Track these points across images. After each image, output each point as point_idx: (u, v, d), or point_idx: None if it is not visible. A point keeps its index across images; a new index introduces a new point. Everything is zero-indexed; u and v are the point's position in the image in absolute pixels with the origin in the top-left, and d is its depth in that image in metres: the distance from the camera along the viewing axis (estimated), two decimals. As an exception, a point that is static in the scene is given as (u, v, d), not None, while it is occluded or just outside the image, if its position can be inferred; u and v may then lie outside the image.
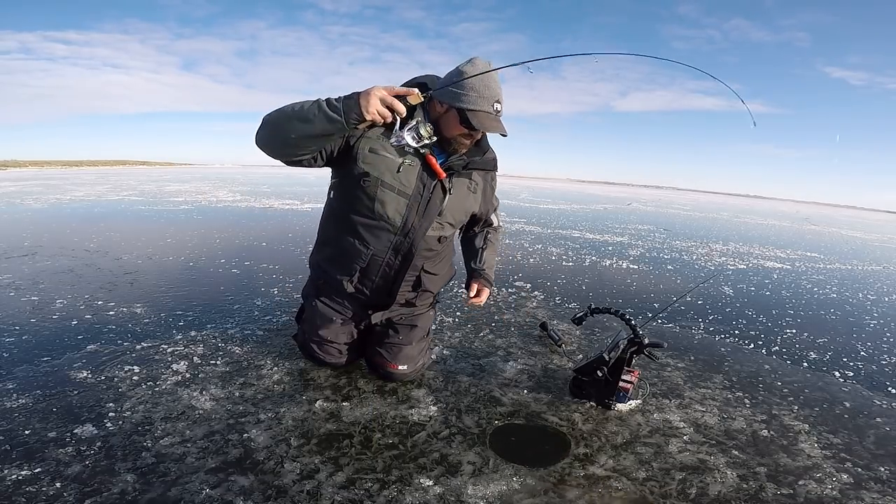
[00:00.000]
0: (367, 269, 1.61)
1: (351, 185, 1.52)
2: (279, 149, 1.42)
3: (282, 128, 1.35)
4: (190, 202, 8.29)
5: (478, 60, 1.44)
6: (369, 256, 1.59)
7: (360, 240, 1.57)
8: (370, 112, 1.26)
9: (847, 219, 25.22)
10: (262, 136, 1.41)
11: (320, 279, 1.75)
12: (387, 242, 1.57)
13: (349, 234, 1.58)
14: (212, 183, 14.56)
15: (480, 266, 1.80)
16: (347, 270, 1.63)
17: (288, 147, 1.39)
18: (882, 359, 2.54)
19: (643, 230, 8.20)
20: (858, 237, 11.75)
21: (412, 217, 1.54)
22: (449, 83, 1.44)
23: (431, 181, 1.53)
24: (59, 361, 1.83)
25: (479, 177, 1.71)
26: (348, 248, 1.59)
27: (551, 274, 3.96)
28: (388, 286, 1.67)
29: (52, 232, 4.70)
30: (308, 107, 1.32)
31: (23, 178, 14.81)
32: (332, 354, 1.77)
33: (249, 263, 3.60)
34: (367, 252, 1.58)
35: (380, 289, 1.67)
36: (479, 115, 1.42)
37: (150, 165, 42.12)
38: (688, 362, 2.24)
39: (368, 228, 1.55)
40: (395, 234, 1.56)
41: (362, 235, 1.56)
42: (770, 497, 1.33)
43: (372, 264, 1.60)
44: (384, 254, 1.59)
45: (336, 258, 1.64)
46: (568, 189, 32.63)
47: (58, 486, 1.18)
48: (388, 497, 1.21)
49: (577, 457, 1.44)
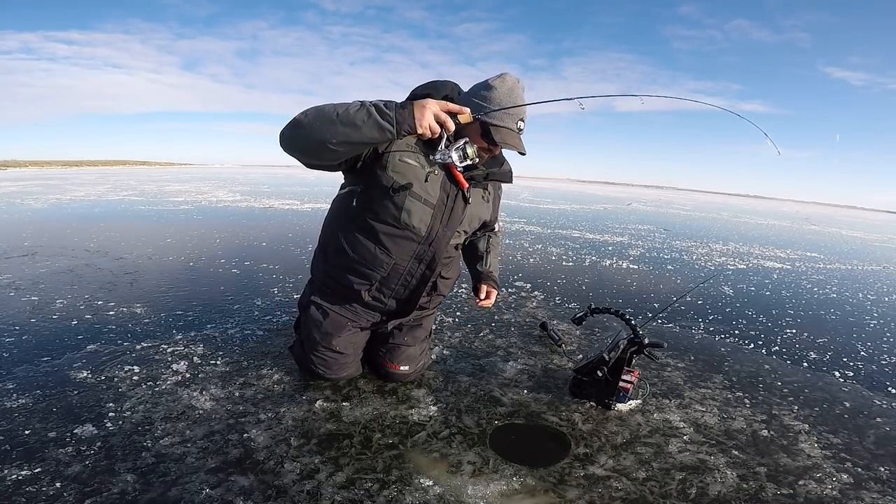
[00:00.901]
0: (387, 277, 1.58)
1: (379, 194, 1.47)
2: (315, 152, 1.32)
3: (323, 131, 1.25)
4: (190, 202, 8.29)
5: (508, 77, 1.44)
6: (391, 266, 1.55)
7: (383, 248, 1.52)
8: (423, 126, 1.21)
9: (847, 219, 25.23)
10: (295, 138, 1.30)
11: (328, 287, 1.68)
12: (410, 251, 1.54)
13: (371, 242, 1.53)
14: (212, 183, 14.56)
15: (487, 269, 1.79)
16: (367, 279, 1.58)
17: (325, 151, 1.28)
18: (882, 359, 2.54)
19: (643, 230, 8.20)
20: (858, 237, 11.75)
21: (436, 226, 1.52)
22: (476, 95, 1.44)
23: (454, 191, 1.52)
24: (59, 361, 1.83)
25: (492, 186, 1.72)
26: (368, 256, 1.54)
27: (551, 274, 3.96)
28: (409, 295, 1.64)
29: (52, 232, 4.70)
30: (355, 111, 1.22)
31: (23, 178, 14.81)
32: (332, 369, 1.71)
33: (249, 263, 3.60)
34: (389, 261, 1.54)
35: (399, 297, 1.64)
36: (502, 131, 1.42)
37: (150, 165, 42.12)
38: (688, 362, 2.24)
39: (392, 237, 1.51)
40: (418, 244, 1.53)
41: (385, 244, 1.52)
42: (770, 497, 1.33)
43: (393, 273, 1.57)
44: (406, 262, 1.56)
45: (353, 266, 1.58)
46: (568, 189, 32.63)
47: (58, 486, 1.18)
48: (388, 497, 1.21)
49: (577, 457, 1.44)
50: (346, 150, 1.30)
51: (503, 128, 1.42)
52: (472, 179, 1.56)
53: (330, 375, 1.73)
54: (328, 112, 1.24)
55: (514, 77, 1.45)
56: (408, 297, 1.65)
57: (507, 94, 1.41)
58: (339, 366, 1.73)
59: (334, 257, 1.62)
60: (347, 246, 1.56)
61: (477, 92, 1.45)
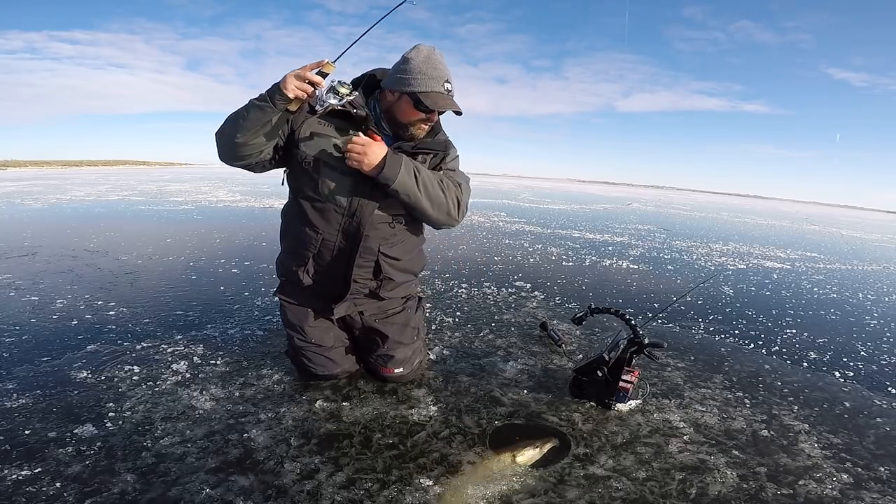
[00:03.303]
0: (319, 255, 1.59)
1: (297, 170, 1.55)
2: (232, 153, 1.47)
3: (226, 134, 1.43)
4: (190, 202, 8.30)
5: (422, 47, 1.48)
6: (320, 241, 1.57)
7: (310, 225, 1.56)
8: (290, 89, 1.31)
9: (847, 219, 25.22)
10: (218, 150, 1.49)
11: (283, 277, 1.74)
12: (336, 225, 1.54)
13: (301, 222, 1.58)
14: (212, 183, 14.56)
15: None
16: (301, 259, 1.61)
17: (237, 149, 1.44)
18: (882, 359, 2.54)
19: (643, 230, 8.20)
20: (858, 237, 11.75)
21: (357, 195, 1.51)
22: (397, 71, 1.48)
23: None
24: (59, 361, 1.83)
25: (429, 161, 1.61)
26: (301, 236, 1.58)
27: (551, 274, 3.96)
28: (343, 272, 1.60)
29: (52, 232, 4.70)
30: (244, 106, 1.39)
31: (23, 178, 14.81)
32: (323, 365, 1.71)
33: (249, 263, 3.60)
34: (317, 237, 1.56)
35: (335, 277, 1.62)
36: (431, 95, 1.45)
37: (150, 165, 42.12)
38: (688, 362, 2.24)
39: (318, 211, 1.54)
40: (342, 216, 1.53)
41: (311, 220, 1.55)
42: (770, 497, 1.33)
43: (323, 250, 1.58)
44: (334, 237, 1.56)
45: (292, 249, 1.64)
46: (568, 189, 32.63)
47: (58, 486, 1.18)
48: (388, 497, 1.21)
49: (577, 457, 1.44)
50: (251, 139, 1.41)
51: (431, 92, 1.45)
52: (400, 149, 1.53)
53: (325, 373, 1.73)
54: (230, 116, 1.42)
55: (429, 46, 1.49)
56: (343, 275, 1.61)
57: (424, 62, 1.45)
58: (328, 361, 1.72)
59: (281, 246, 1.72)
60: (284, 230, 1.68)
61: (397, 68, 1.49)
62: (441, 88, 1.46)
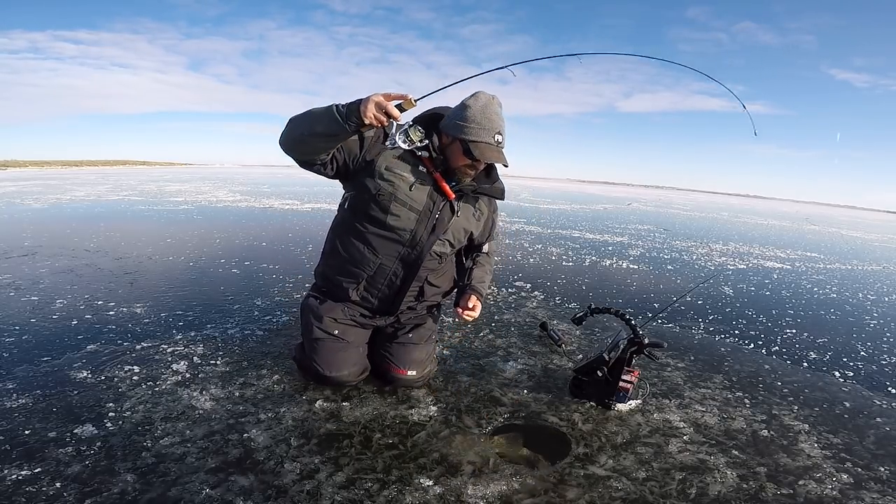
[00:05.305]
0: (374, 276, 1.66)
1: (366, 198, 1.59)
2: (293, 146, 1.49)
3: (297, 126, 1.45)
4: (190, 202, 8.30)
5: (481, 94, 1.55)
6: (377, 265, 1.64)
7: (370, 248, 1.62)
8: (367, 116, 1.32)
9: (847, 219, 25.23)
10: (283, 135, 1.49)
11: (324, 288, 1.78)
12: (395, 253, 1.63)
13: (360, 243, 1.63)
14: (212, 183, 14.57)
15: (468, 282, 1.82)
16: (355, 277, 1.67)
17: (299, 144, 1.47)
18: (882, 359, 2.54)
19: (643, 230, 8.20)
20: (858, 237, 11.75)
21: (421, 231, 1.61)
22: (454, 116, 1.55)
23: (441, 201, 1.61)
24: (59, 361, 1.83)
25: (486, 206, 1.79)
26: (357, 256, 1.64)
27: (551, 274, 3.96)
28: (393, 295, 1.71)
29: (52, 232, 4.70)
30: (322, 108, 1.40)
31: (23, 178, 14.81)
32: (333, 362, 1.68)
33: (249, 263, 3.60)
34: (375, 260, 1.63)
35: (385, 298, 1.71)
36: (480, 146, 1.51)
37: (150, 165, 42.13)
38: (688, 362, 2.24)
39: (379, 238, 1.61)
40: (403, 246, 1.62)
41: (372, 244, 1.62)
42: (770, 497, 1.33)
43: (379, 273, 1.65)
44: (392, 263, 1.64)
45: (344, 266, 1.68)
46: (568, 189, 32.63)
47: (58, 486, 1.18)
48: (388, 497, 1.21)
49: (577, 457, 1.44)
50: (315, 142, 1.44)
51: (481, 143, 1.52)
52: (461, 192, 1.65)
53: (333, 373, 1.66)
54: (307, 111, 1.44)
55: (489, 94, 1.56)
56: (392, 297, 1.72)
57: (480, 112, 1.52)
58: (341, 358, 1.68)
59: (329, 259, 1.74)
60: (340, 247, 1.69)
61: (455, 114, 1.56)
62: (491, 140, 1.52)
